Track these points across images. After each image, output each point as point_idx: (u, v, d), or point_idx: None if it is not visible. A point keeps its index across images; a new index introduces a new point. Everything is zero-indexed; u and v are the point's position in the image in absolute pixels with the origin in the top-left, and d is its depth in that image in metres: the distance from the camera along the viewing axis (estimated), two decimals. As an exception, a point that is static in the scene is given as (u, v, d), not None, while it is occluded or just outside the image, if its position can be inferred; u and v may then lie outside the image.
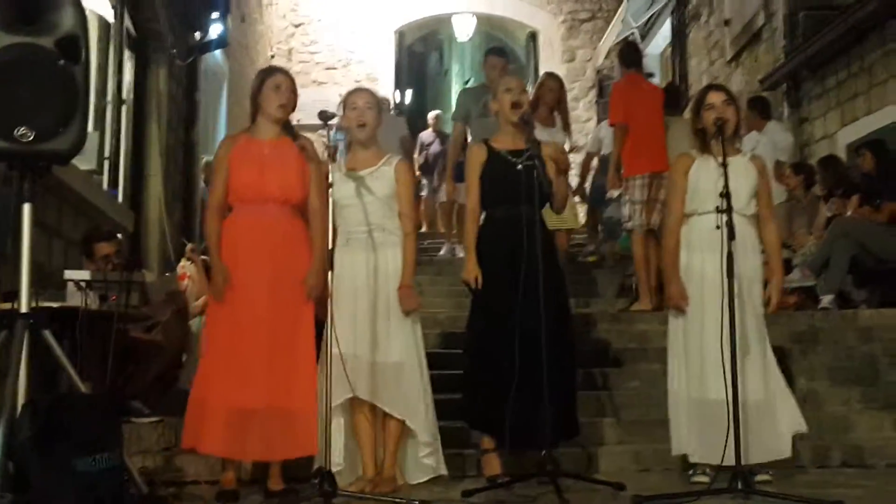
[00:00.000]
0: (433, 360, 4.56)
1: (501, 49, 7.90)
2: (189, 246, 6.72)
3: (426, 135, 13.41)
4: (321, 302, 4.16)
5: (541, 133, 6.59)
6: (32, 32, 3.49)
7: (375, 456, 4.32)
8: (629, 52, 7.86)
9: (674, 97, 8.37)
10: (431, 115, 13.98)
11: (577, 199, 9.35)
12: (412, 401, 4.27)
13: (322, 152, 4.24)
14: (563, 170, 4.65)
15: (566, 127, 7.75)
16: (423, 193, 12.81)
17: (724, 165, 4.14)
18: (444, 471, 4.37)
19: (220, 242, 4.26)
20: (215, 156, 4.50)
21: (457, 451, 4.70)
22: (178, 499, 3.91)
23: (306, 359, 4.18)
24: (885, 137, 7.60)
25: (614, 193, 7.25)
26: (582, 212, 10.27)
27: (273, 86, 4.32)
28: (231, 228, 4.28)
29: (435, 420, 4.38)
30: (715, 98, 4.48)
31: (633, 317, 6.96)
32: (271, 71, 4.52)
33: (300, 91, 4.54)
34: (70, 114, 3.53)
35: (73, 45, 3.53)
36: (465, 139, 7.30)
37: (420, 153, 13.23)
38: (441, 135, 13.41)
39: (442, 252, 10.48)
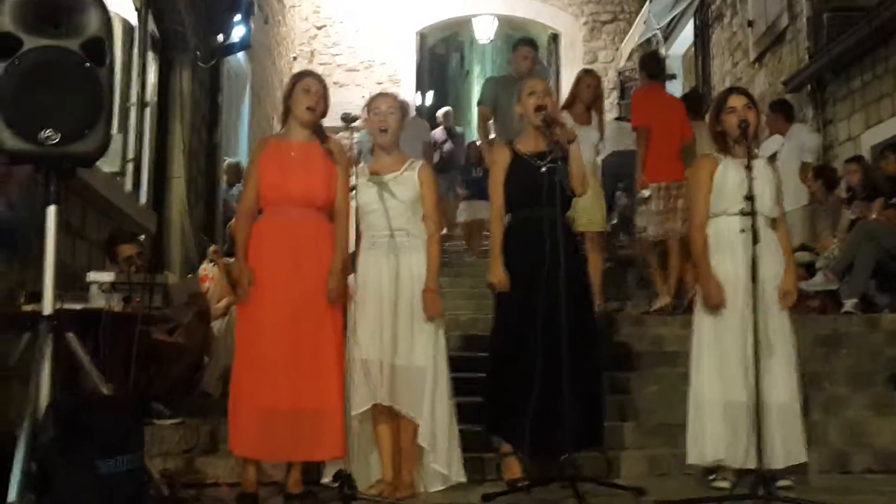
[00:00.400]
0: (453, 363, 4.55)
1: (531, 40, 7.74)
2: (212, 248, 6.75)
3: (438, 133, 13.31)
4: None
5: (576, 131, 6.63)
6: (58, 35, 3.51)
7: (394, 460, 4.32)
8: (651, 64, 7.89)
9: (696, 103, 8.35)
10: (441, 112, 13.88)
11: None
12: (427, 406, 4.25)
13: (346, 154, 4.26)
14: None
15: (601, 125, 7.50)
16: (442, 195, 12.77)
17: (750, 168, 4.12)
18: (460, 478, 4.33)
19: (248, 245, 4.29)
20: (248, 159, 4.54)
21: (477, 454, 4.70)
22: (198, 501, 3.94)
23: (333, 360, 4.19)
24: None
25: (645, 193, 7.21)
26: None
27: (303, 89, 4.36)
28: (258, 231, 4.32)
29: (455, 427, 4.36)
30: (736, 102, 4.47)
31: (651, 320, 6.94)
32: (303, 74, 4.56)
33: (322, 93, 4.55)
34: (95, 116, 3.55)
35: (99, 48, 3.55)
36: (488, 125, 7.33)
37: (434, 151, 13.19)
38: (451, 132, 13.37)
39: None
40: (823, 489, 4.33)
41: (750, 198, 4.05)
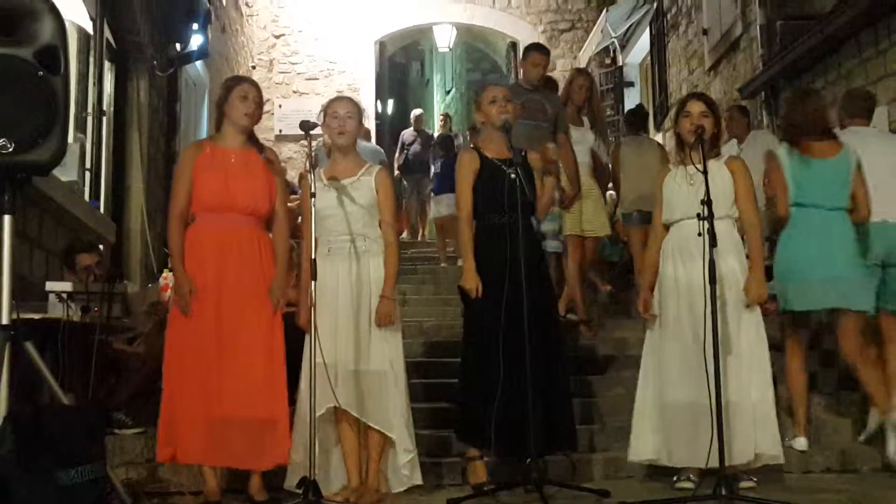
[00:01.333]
0: (417, 369, 4.56)
1: (542, 45, 7.39)
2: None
3: (407, 134, 13.34)
4: (303, 311, 4.16)
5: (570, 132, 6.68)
6: (11, 43, 3.47)
7: (360, 465, 4.30)
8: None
9: (640, 119, 8.56)
10: (414, 113, 13.99)
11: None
12: (392, 412, 4.25)
13: (304, 162, 4.22)
14: (553, 173, 4.69)
15: (597, 125, 7.35)
16: (404, 196, 12.70)
17: (705, 173, 4.17)
18: (418, 480, 4.34)
19: (184, 252, 4.23)
20: (178, 162, 4.46)
21: (436, 459, 4.69)
22: (161, 510, 3.89)
23: (276, 368, 4.18)
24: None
25: None
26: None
27: (240, 95, 4.31)
28: (195, 238, 4.26)
29: (412, 429, 4.37)
30: (693, 108, 4.53)
31: (615, 324, 6.99)
32: (239, 80, 4.52)
33: (281, 101, 4.56)
34: (50, 125, 3.51)
35: (53, 56, 3.52)
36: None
37: (401, 152, 13.19)
38: (423, 134, 13.40)
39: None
40: (785, 489, 4.39)
41: (705, 202, 4.10)
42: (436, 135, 13.43)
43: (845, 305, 4.79)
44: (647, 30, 14.47)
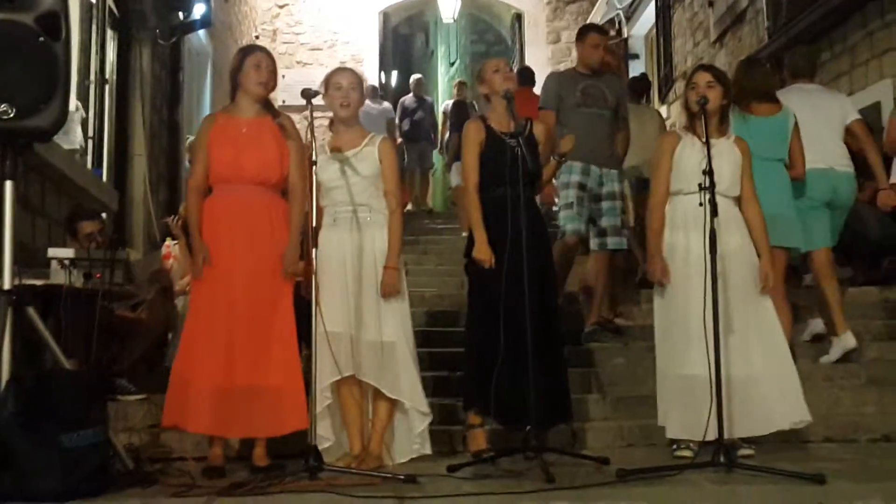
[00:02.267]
0: (419, 338, 4.57)
1: (600, 26, 6.91)
2: (169, 219, 6.58)
3: (409, 100, 13.08)
4: (308, 280, 4.18)
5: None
6: (12, 9, 3.48)
7: (363, 433, 4.33)
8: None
9: (641, 86, 8.50)
10: (413, 79, 13.72)
11: None
12: (404, 378, 4.27)
13: (305, 131, 4.22)
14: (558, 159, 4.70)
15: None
16: (406, 166, 12.43)
17: (707, 144, 4.17)
18: (427, 450, 4.37)
19: (201, 222, 4.26)
20: (196, 135, 4.48)
21: (444, 427, 4.72)
22: (164, 475, 3.90)
23: (287, 336, 4.20)
24: (868, 117, 7.63)
25: None
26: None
27: (254, 64, 4.31)
28: (210, 209, 4.28)
29: (423, 397, 4.39)
30: (699, 78, 4.52)
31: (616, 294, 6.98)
32: (252, 49, 4.51)
33: (285, 72, 4.57)
34: (51, 90, 3.52)
35: (54, 22, 3.52)
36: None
37: (402, 119, 12.92)
38: (421, 100, 13.20)
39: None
40: (783, 458, 4.39)
41: (707, 173, 4.09)
42: (450, 103, 13.19)
43: (776, 243, 4.90)
44: (653, 1, 14.38)
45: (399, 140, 12.38)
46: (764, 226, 4.56)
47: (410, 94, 13.21)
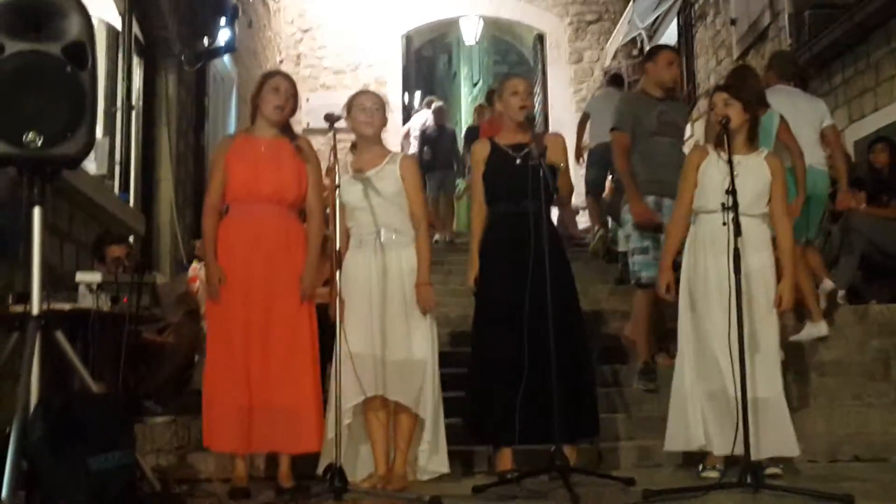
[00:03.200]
0: (442, 359, 4.58)
1: (671, 46, 6.41)
2: (197, 242, 6.69)
3: (430, 129, 12.70)
4: (333, 303, 4.20)
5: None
6: (39, 39, 3.53)
7: (387, 453, 4.34)
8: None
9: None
10: (435, 106, 13.21)
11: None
12: (425, 395, 4.28)
13: (328, 154, 4.26)
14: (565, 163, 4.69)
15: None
16: (427, 191, 12.19)
17: (731, 163, 4.16)
18: (441, 469, 4.37)
19: (217, 242, 4.29)
20: (213, 154, 4.51)
21: (466, 447, 4.72)
22: (191, 496, 3.94)
23: (307, 357, 4.22)
24: (893, 134, 7.59)
25: None
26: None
27: (272, 88, 4.36)
28: (226, 228, 4.32)
29: (442, 419, 4.39)
30: (716, 99, 4.52)
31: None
32: (272, 74, 4.57)
33: (309, 95, 4.64)
34: (78, 119, 3.56)
35: (80, 52, 3.57)
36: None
37: (422, 148, 12.51)
38: (442, 128, 12.82)
39: None
40: (811, 477, 4.37)
41: (730, 192, 4.08)
42: (465, 126, 12.96)
43: None
44: (675, 20, 14.38)
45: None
46: (790, 246, 4.51)
47: (430, 121, 13.11)
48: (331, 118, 4.18)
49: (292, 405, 4.14)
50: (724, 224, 4.11)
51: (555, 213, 5.57)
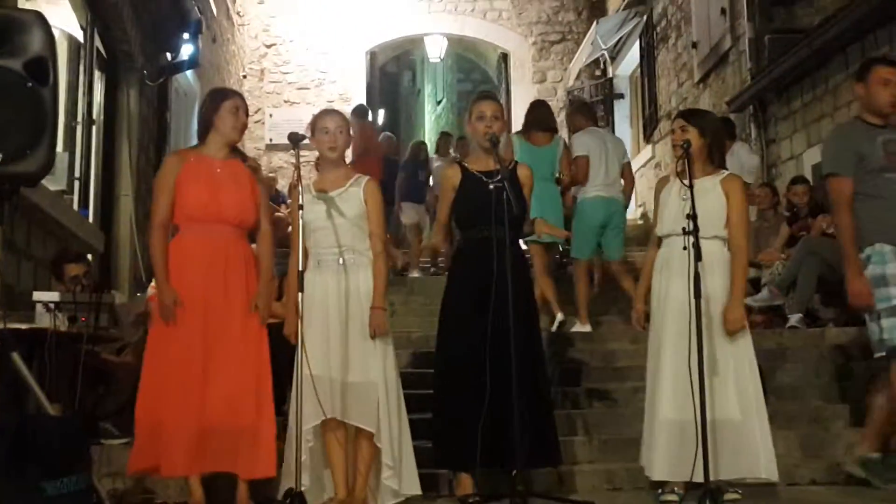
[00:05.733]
0: (405, 380, 4.56)
1: (886, 58, 5.20)
2: None
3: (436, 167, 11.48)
4: (290, 322, 4.17)
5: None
6: (1, 55, 3.48)
7: (347, 476, 4.30)
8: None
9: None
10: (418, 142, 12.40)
11: None
12: (383, 419, 4.25)
13: (292, 174, 4.24)
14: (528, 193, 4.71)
15: None
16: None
17: (691, 187, 4.20)
18: (412, 491, 4.33)
19: (168, 263, 4.21)
20: (160, 173, 4.40)
21: (430, 470, 4.69)
22: (147, 521, 3.88)
23: (262, 381, 4.19)
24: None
25: None
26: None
27: (232, 108, 4.32)
28: (181, 248, 4.24)
29: (408, 441, 4.36)
30: (675, 124, 4.60)
31: (604, 336, 7.02)
32: (229, 93, 4.53)
33: (272, 111, 4.59)
34: (38, 136, 3.52)
35: (42, 68, 3.53)
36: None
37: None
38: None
39: None
40: (770, 501, 4.40)
41: (691, 216, 4.12)
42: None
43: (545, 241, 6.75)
44: (637, 42, 14.55)
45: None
46: (740, 270, 4.46)
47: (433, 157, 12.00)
48: (295, 138, 4.16)
49: (246, 427, 4.10)
50: (685, 248, 4.14)
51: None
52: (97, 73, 7.65)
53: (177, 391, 4.09)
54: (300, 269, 4.10)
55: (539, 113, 7.35)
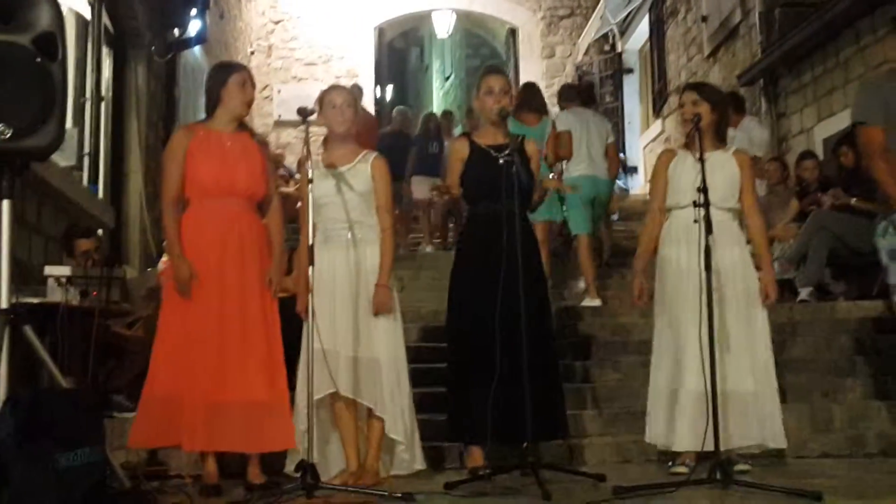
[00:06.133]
0: (415, 355, 4.58)
1: None
2: None
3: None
4: (302, 298, 4.18)
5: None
6: (8, 31, 3.48)
7: (358, 449, 4.33)
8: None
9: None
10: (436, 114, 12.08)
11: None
12: (388, 397, 4.27)
13: (302, 148, 4.24)
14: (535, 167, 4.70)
15: None
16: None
17: (702, 160, 4.19)
18: (419, 465, 4.36)
19: (180, 236, 4.21)
20: (169, 147, 4.38)
21: (437, 443, 4.72)
22: (161, 493, 3.90)
23: (275, 354, 4.21)
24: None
25: None
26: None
27: (239, 82, 4.31)
28: (194, 223, 4.23)
29: (413, 416, 4.38)
30: (685, 98, 4.56)
31: (614, 310, 7.02)
32: (237, 67, 4.51)
33: (280, 87, 4.57)
34: (48, 110, 3.52)
35: (50, 43, 3.53)
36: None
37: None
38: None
39: None
40: (780, 473, 4.41)
41: (701, 189, 4.11)
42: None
43: (542, 218, 6.65)
44: (647, 16, 14.46)
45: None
46: (764, 239, 4.59)
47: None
48: (304, 112, 4.15)
49: (265, 402, 4.11)
50: (696, 221, 4.13)
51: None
52: (105, 50, 7.64)
53: (194, 365, 4.09)
54: (310, 243, 4.10)
55: (529, 94, 7.67)
